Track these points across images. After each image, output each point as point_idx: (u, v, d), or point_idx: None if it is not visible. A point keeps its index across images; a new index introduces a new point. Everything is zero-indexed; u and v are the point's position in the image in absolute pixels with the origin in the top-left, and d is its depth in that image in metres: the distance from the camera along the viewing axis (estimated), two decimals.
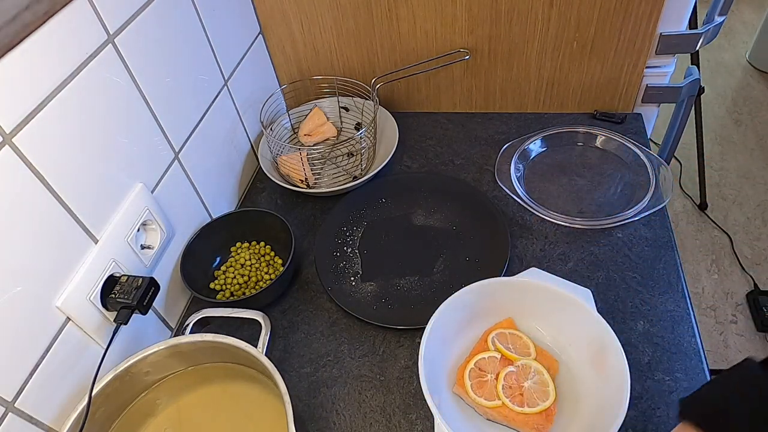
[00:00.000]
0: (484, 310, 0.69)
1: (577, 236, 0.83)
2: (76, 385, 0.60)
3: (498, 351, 0.66)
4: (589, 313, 0.64)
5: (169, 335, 0.78)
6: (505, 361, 0.66)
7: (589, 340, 0.64)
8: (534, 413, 0.61)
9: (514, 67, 1.00)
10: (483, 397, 0.63)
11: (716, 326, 1.65)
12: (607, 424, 0.55)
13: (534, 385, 0.63)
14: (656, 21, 0.89)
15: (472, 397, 0.63)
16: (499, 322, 0.70)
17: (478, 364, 0.65)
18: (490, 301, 0.69)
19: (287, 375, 0.72)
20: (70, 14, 0.56)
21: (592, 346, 0.64)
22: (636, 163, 0.91)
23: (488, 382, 0.64)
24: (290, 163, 0.94)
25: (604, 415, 0.57)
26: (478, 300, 0.68)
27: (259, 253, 0.85)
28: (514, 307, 0.70)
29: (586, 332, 0.64)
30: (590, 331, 0.64)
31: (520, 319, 0.70)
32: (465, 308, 0.68)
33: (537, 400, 0.62)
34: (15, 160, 0.51)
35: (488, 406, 0.62)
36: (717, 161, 2.11)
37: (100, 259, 0.62)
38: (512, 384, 0.63)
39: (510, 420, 0.62)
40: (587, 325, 0.64)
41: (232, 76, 0.92)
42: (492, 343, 0.67)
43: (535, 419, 0.61)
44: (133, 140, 0.68)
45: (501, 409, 0.62)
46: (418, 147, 1.02)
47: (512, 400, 0.62)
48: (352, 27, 0.99)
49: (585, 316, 0.64)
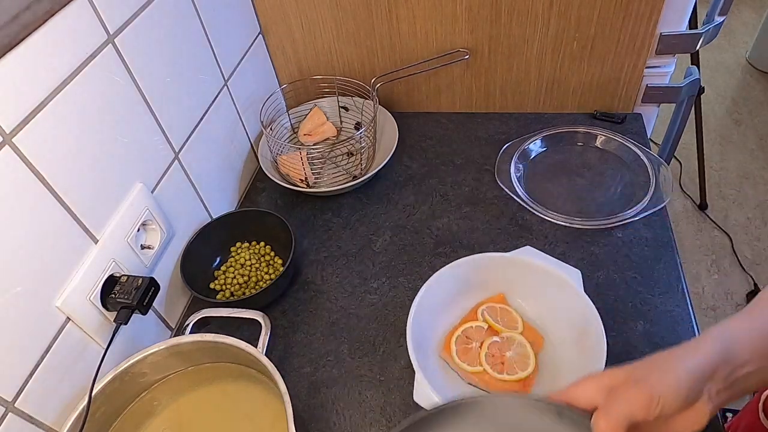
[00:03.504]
0: (477, 284, 0.72)
1: (577, 236, 0.83)
2: (76, 385, 0.60)
3: (486, 322, 0.69)
4: (577, 293, 0.66)
5: (169, 335, 0.78)
6: (491, 332, 0.69)
7: (573, 319, 0.66)
8: (512, 381, 0.64)
9: (514, 67, 1.00)
10: (466, 362, 0.66)
11: None
12: None
13: (515, 355, 0.66)
14: (656, 21, 0.89)
15: (456, 362, 0.66)
16: (490, 297, 0.72)
17: (465, 332, 0.68)
18: (483, 275, 0.72)
19: (287, 375, 0.72)
20: (70, 14, 0.56)
21: (576, 325, 0.66)
22: (636, 163, 0.91)
23: (473, 349, 0.67)
24: (290, 162, 0.94)
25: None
26: (471, 273, 0.71)
27: (259, 253, 0.85)
28: (506, 283, 0.72)
29: (572, 311, 0.66)
30: (576, 311, 0.66)
31: (512, 295, 0.73)
32: (459, 279, 0.71)
33: (517, 370, 0.65)
34: (15, 160, 0.51)
35: (470, 371, 0.65)
36: (717, 161, 2.11)
37: (100, 259, 0.62)
38: (495, 353, 0.66)
39: (489, 386, 0.65)
40: (573, 304, 0.66)
41: (232, 76, 0.92)
42: (481, 315, 0.70)
43: (513, 386, 0.64)
44: (133, 140, 0.68)
45: (482, 375, 0.65)
46: (418, 147, 1.02)
47: (493, 367, 0.65)
48: (352, 27, 0.99)
49: (573, 297, 0.66)
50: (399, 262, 0.83)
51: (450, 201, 0.91)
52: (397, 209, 0.91)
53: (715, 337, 0.43)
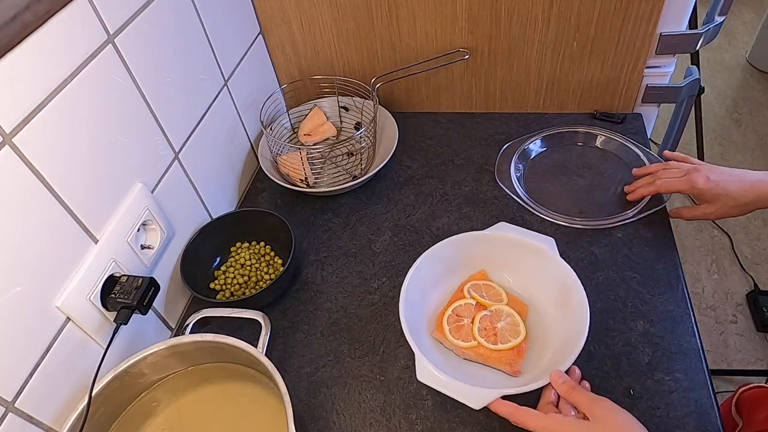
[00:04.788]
0: (459, 263, 0.75)
1: (577, 236, 0.83)
2: (76, 385, 0.60)
3: (473, 299, 0.72)
4: (553, 259, 0.70)
5: (169, 335, 0.78)
6: (479, 307, 0.71)
7: (554, 284, 0.70)
8: (506, 349, 0.67)
9: (514, 67, 1.00)
10: (460, 339, 0.68)
11: (716, 326, 1.65)
12: (571, 352, 0.61)
13: (506, 325, 0.69)
14: (656, 21, 0.89)
15: (450, 340, 0.68)
16: (473, 275, 0.75)
17: (455, 311, 0.71)
18: (464, 254, 0.75)
19: (287, 375, 0.72)
20: (70, 14, 0.56)
21: (557, 288, 0.70)
22: (636, 163, 0.91)
23: (465, 326, 0.69)
24: (290, 162, 0.94)
25: (569, 346, 0.62)
26: (453, 253, 0.74)
27: (259, 253, 0.85)
28: (486, 260, 0.76)
29: (551, 276, 0.70)
30: (555, 275, 0.70)
31: (492, 270, 0.76)
32: (442, 261, 0.74)
33: (509, 338, 0.67)
34: (15, 160, 0.51)
35: (465, 346, 0.67)
36: (717, 161, 2.11)
37: (100, 259, 0.62)
38: (486, 326, 0.69)
39: (485, 358, 0.67)
40: (552, 270, 0.70)
41: (232, 76, 0.92)
42: (468, 293, 0.72)
43: (507, 355, 0.66)
44: (133, 140, 0.68)
45: (477, 348, 0.67)
46: (418, 147, 1.02)
47: (487, 339, 0.68)
48: (352, 27, 0.99)
49: (549, 262, 0.71)
50: (399, 262, 0.83)
51: (450, 201, 0.91)
52: (397, 209, 0.91)
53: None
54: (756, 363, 1.56)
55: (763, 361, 1.56)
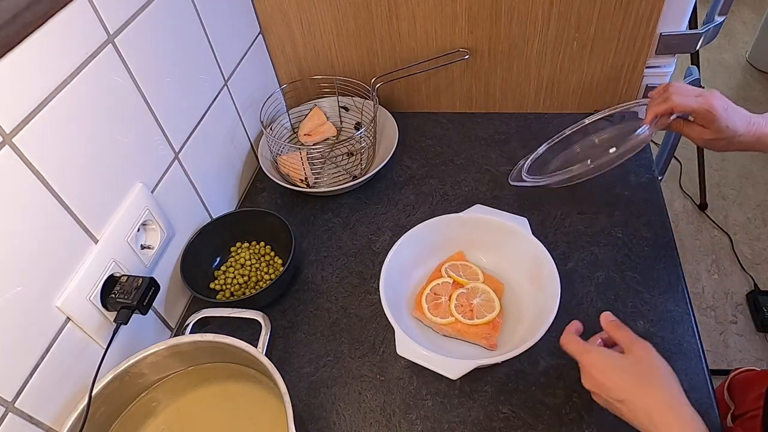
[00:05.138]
0: (438, 245, 0.78)
1: (577, 236, 0.83)
2: (76, 385, 0.60)
3: (451, 278, 0.75)
4: (526, 238, 0.73)
5: (169, 335, 0.78)
6: (456, 286, 0.74)
7: (527, 261, 0.73)
8: (482, 323, 0.70)
9: (514, 67, 1.00)
10: (438, 316, 0.71)
11: (716, 326, 1.65)
12: (543, 322, 0.63)
13: (482, 301, 0.72)
14: (656, 21, 0.89)
15: (429, 318, 0.71)
16: (451, 256, 0.78)
17: (433, 290, 0.74)
18: (441, 236, 0.78)
19: (287, 375, 0.72)
20: (70, 14, 0.56)
21: (530, 265, 0.73)
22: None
23: (442, 304, 0.72)
24: (290, 162, 0.94)
25: (542, 317, 0.65)
26: (431, 234, 0.77)
27: (259, 253, 0.85)
28: (463, 241, 0.78)
29: (525, 254, 0.73)
30: (528, 253, 0.73)
31: (469, 251, 0.79)
32: (420, 242, 0.76)
33: (485, 313, 0.70)
34: (15, 160, 0.51)
35: (443, 323, 0.70)
36: (717, 161, 2.11)
37: (100, 259, 0.62)
38: (463, 303, 0.72)
39: (462, 333, 0.70)
40: (525, 248, 0.73)
41: (232, 76, 0.92)
42: (445, 272, 0.75)
43: (483, 329, 0.69)
44: (133, 140, 0.68)
45: (454, 324, 0.70)
46: (418, 147, 1.02)
47: (463, 315, 0.71)
48: (352, 27, 0.99)
49: (522, 241, 0.74)
50: None
51: (450, 201, 0.91)
52: (397, 209, 0.91)
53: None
54: (756, 363, 1.56)
55: (763, 361, 1.56)
